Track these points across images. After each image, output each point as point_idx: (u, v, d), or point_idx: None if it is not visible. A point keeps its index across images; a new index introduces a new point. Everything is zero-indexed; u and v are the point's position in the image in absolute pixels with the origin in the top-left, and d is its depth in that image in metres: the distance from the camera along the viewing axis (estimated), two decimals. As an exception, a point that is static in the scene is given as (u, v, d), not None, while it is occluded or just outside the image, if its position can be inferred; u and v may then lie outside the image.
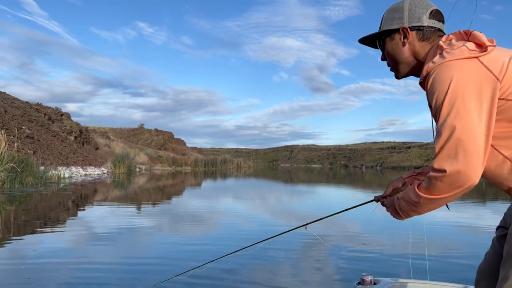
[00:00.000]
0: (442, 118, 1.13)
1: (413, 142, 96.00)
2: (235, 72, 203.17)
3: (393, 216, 1.42)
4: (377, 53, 1.49)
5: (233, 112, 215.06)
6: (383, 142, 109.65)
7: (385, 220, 5.77)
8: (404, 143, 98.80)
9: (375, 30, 1.43)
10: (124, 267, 3.36)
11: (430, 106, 1.24)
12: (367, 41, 1.48)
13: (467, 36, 1.27)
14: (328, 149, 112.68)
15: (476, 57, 1.15)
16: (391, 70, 1.44)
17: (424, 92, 1.28)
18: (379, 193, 1.62)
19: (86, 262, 3.46)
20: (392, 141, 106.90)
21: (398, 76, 1.43)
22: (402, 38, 1.34)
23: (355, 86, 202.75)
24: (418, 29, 1.31)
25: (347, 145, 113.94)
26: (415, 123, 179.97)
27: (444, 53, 1.19)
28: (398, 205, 1.34)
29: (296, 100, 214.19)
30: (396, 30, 1.34)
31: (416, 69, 1.38)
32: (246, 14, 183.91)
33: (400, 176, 1.62)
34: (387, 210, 1.45)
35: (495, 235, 1.50)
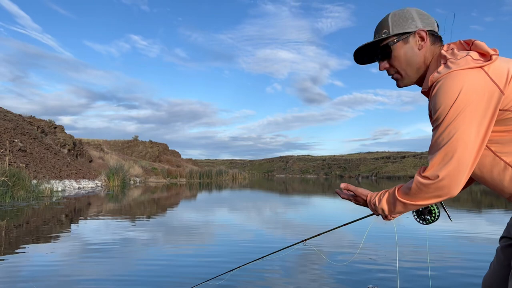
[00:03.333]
0: (442, 128, 1.14)
1: (407, 151, 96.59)
2: (229, 84, 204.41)
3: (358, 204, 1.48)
4: (371, 63, 1.45)
5: (227, 123, 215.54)
6: (377, 152, 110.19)
7: (387, 232, 5.72)
8: (398, 152, 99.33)
9: (368, 39, 1.39)
10: (118, 283, 3.26)
11: (430, 114, 1.23)
12: (360, 54, 1.42)
13: (468, 45, 1.26)
14: (323, 159, 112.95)
15: (481, 67, 1.14)
16: (395, 77, 1.39)
17: (418, 103, 1.30)
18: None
19: (80, 279, 3.36)
20: (386, 151, 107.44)
21: (402, 83, 1.38)
22: (419, 41, 1.30)
23: (348, 97, 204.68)
24: (432, 34, 1.31)
25: (342, 156, 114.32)
26: (408, 133, 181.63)
27: (449, 63, 1.18)
28: (375, 209, 1.37)
29: (290, 111, 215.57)
30: (411, 33, 1.30)
31: (422, 76, 1.35)
32: (239, 27, 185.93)
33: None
34: (361, 205, 1.48)
35: (498, 245, 1.48)
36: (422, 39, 1.30)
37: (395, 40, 1.32)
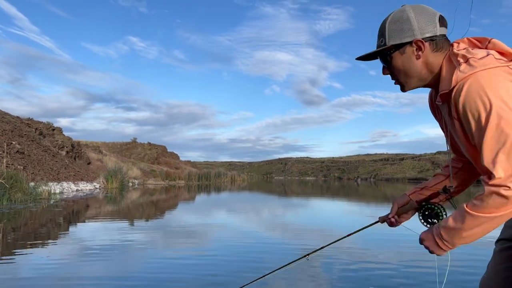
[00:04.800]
0: (492, 128, 1.06)
1: (406, 153, 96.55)
2: (227, 85, 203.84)
3: (432, 251, 1.26)
4: (368, 65, 1.44)
5: (226, 125, 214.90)
6: (376, 154, 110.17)
7: (389, 235, 5.69)
8: (397, 154, 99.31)
9: (367, 43, 1.37)
10: (116, 286, 3.22)
11: (457, 117, 1.18)
12: (366, 56, 1.37)
13: (480, 43, 1.23)
14: (321, 161, 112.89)
15: (507, 66, 1.11)
16: (397, 83, 1.35)
17: (416, 105, 1.26)
18: (378, 209, 1.56)
19: (78, 281, 3.33)
20: (385, 153, 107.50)
21: (405, 90, 1.35)
22: (415, 51, 1.25)
23: (346, 99, 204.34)
24: (431, 39, 1.24)
25: (341, 157, 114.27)
26: (407, 135, 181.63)
27: (472, 62, 1.13)
28: (439, 234, 1.21)
29: (288, 113, 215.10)
30: (407, 43, 1.25)
31: (428, 81, 1.30)
32: (237, 29, 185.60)
33: (404, 194, 1.56)
34: (424, 244, 1.27)
35: (495, 247, 1.47)
36: (420, 48, 1.24)
37: (392, 51, 1.28)
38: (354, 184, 42.56)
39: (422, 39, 1.23)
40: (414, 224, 1.50)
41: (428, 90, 1.45)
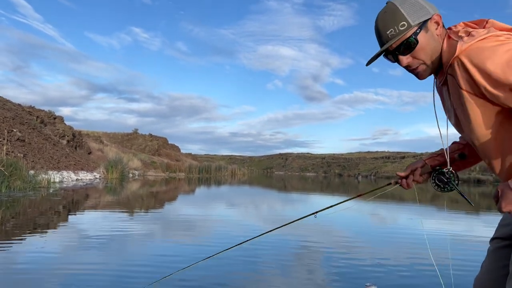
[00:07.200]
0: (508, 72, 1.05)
1: (407, 152, 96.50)
2: (229, 79, 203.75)
3: (507, 205, 1.16)
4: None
5: (227, 119, 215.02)
6: (377, 151, 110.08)
7: (387, 230, 5.67)
8: (398, 153, 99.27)
9: (371, 39, 1.34)
10: (114, 272, 3.21)
11: (465, 86, 1.15)
12: (377, 55, 1.32)
13: (478, 25, 1.23)
14: (322, 157, 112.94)
15: (508, 33, 1.14)
16: (420, 69, 1.28)
17: (418, 103, 1.25)
18: (378, 205, 1.54)
19: (75, 269, 3.32)
20: (386, 150, 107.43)
21: (428, 74, 1.29)
22: (436, 27, 1.24)
23: (349, 96, 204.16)
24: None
25: (341, 154, 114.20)
26: (408, 134, 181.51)
27: (474, 33, 1.15)
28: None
29: (290, 108, 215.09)
30: (427, 20, 1.24)
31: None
32: (240, 22, 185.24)
33: (420, 158, 1.60)
34: (500, 197, 1.18)
35: (490, 246, 1.47)
36: (437, 23, 1.25)
37: (417, 31, 1.22)
38: (354, 181, 42.57)
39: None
40: (411, 222, 1.47)
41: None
